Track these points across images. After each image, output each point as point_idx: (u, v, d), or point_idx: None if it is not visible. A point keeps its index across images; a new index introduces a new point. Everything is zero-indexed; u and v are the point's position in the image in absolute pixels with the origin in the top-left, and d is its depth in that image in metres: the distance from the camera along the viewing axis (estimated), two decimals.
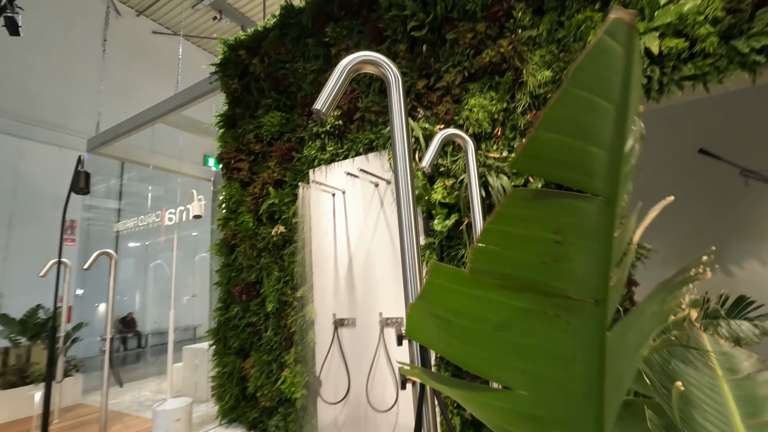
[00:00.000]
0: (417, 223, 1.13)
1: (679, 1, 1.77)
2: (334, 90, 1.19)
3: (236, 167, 3.23)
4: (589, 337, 0.30)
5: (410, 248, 1.10)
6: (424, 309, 0.34)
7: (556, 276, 0.29)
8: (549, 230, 0.28)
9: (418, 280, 1.10)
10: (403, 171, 1.15)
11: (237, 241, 3.16)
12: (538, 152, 0.28)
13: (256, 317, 2.94)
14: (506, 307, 0.30)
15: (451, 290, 0.31)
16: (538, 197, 0.28)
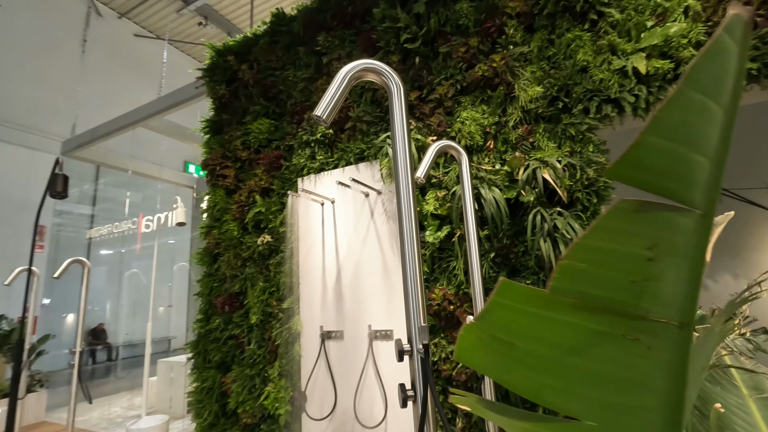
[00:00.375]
0: (418, 234, 1.11)
1: (665, 24, 1.84)
2: (335, 97, 1.17)
3: (222, 174, 3.15)
4: (671, 362, 0.28)
5: (411, 260, 1.08)
6: (482, 331, 0.31)
7: (643, 296, 0.27)
8: (643, 246, 0.26)
9: (419, 292, 1.07)
10: (405, 181, 1.13)
11: (220, 250, 3.07)
12: (640, 159, 0.26)
13: (239, 329, 2.84)
14: (580, 330, 0.28)
15: (518, 311, 0.29)
16: (640, 210, 0.26)
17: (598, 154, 1.95)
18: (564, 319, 0.28)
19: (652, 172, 0.26)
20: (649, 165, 0.26)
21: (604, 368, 0.29)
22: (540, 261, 1.97)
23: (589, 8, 2.08)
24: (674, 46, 1.84)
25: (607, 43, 1.99)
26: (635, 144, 0.26)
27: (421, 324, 1.05)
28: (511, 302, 0.29)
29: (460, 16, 2.39)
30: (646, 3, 1.93)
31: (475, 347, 0.33)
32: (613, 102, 1.96)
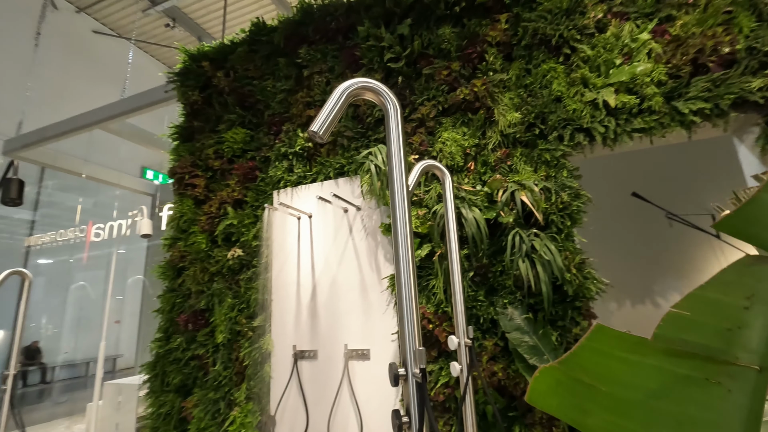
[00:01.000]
0: (414, 254, 1.10)
1: (632, 62, 2.00)
2: (333, 113, 1.15)
3: (191, 183, 3.00)
4: (749, 405, 0.29)
5: (407, 281, 1.07)
6: (563, 373, 0.31)
7: (734, 343, 0.27)
8: (743, 296, 0.26)
9: (415, 314, 1.05)
10: (401, 200, 1.12)
11: (185, 264, 2.89)
12: (755, 215, 0.27)
13: (203, 349, 2.67)
14: (666, 374, 0.28)
15: (606, 354, 0.29)
16: (754, 264, 0.27)
17: (571, 179, 2.05)
18: (653, 363, 0.28)
19: (765, 227, 0.27)
20: (764, 221, 0.27)
21: (684, 410, 0.29)
22: (517, 281, 2.03)
23: (564, 43, 2.21)
24: (639, 84, 2.00)
25: (580, 76, 2.12)
26: (751, 200, 0.27)
27: (416, 347, 1.03)
28: (602, 346, 0.29)
29: (443, 40, 2.46)
30: (615, 43, 2.08)
31: (551, 390, 0.32)
32: (585, 131, 2.09)
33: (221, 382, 2.56)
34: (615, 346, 0.29)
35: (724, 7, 1.95)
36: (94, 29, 8.89)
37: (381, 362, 2.24)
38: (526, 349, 1.75)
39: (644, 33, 2.02)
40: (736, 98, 1.85)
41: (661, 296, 3.97)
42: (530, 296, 2.00)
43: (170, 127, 3.24)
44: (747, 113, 1.89)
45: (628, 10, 2.13)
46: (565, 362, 0.31)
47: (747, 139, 2.03)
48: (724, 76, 1.88)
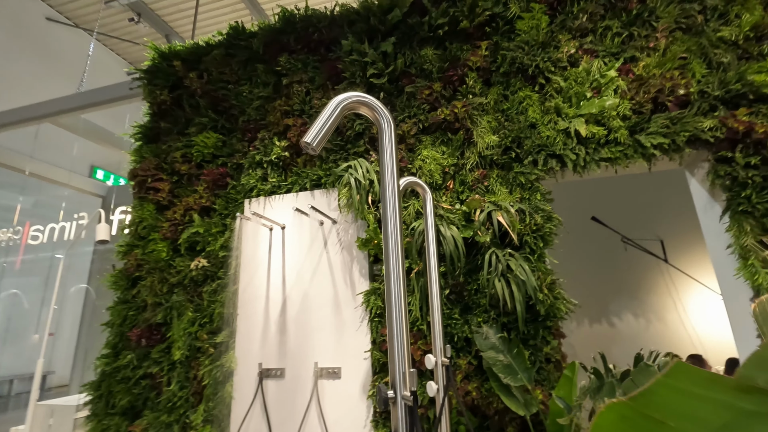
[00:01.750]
0: (405, 273, 1.08)
1: (602, 96, 2.14)
2: (327, 124, 1.12)
3: (154, 187, 2.82)
4: None
5: (398, 300, 1.04)
6: (632, 409, 0.30)
7: None
8: None
9: (404, 335, 1.03)
10: (392, 217, 1.10)
11: (142, 273, 2.69)
12: None
13: (157, 367, 2.46)
14: (732, 410, 0.28)
15: (681, 391, 0.28)
16: None
17: (544, 202, 2.14)
18: (724, 399, 0.28)
19: None
20: None
21: None
22: (492, 299, 2.06)
23: (539, 73, 2.33)
24: (606, 117, 2.14)
25: (554, 105, 2.24)
26: None
27: (407, 369, 1.00)
28: (679, 383, 0.28)
29: (425, 61, 2.52)
30: (585, 77, 2.23)
31: (616, 425, 0.31)
32: (557, 157, 2.19)
33: (176, 403, 2.37)
34: (692, 383, 0.29)
35: (680, 53, 2.15)
36: (47, 16, 8.28)
37: (352, 381, 2.17)
38: (501, 368, 1.76)
39: (612, 70, 2.18)
40: (690, 136, 2.02)
41: (616, 316, 4.20)
42: (504, 315, 2.04)
43: (133, 127, 3.04)
44: (699, 150, 2.07)
45: (597, 49, 2.30)
46: (638, 398, 0.31)
47: (698, 173, 2.21)
48: (680, 115, 2.06)
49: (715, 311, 3.87)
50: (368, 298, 2.23)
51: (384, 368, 2.12)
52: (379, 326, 2.19)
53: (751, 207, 1.90)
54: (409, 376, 0.98)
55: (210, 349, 2.41)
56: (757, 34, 2.08)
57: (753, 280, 1.85)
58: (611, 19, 2.32)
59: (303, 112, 2.73)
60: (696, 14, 2.20)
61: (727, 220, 2.01)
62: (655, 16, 2.25)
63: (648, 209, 4.30)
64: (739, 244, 1.90)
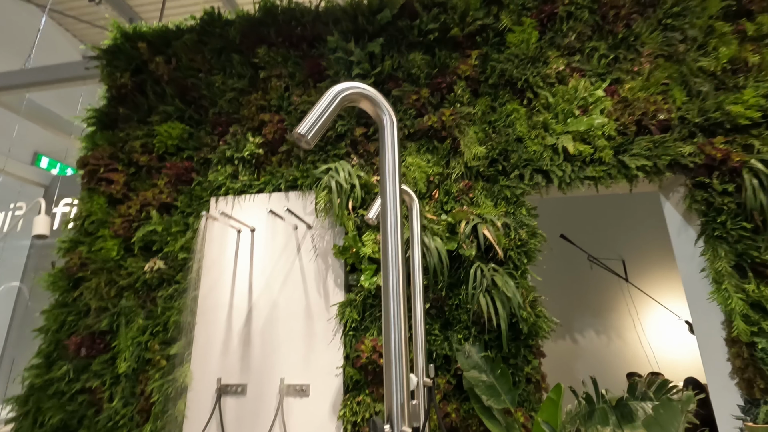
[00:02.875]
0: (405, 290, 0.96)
1: (590, 115, 2.14)
2: (324, 116, 0.98)
3: (106, 178, 2.53)
4: None
5: (396, 320, 0.91)
6: None
7: None
8: None
9: (404, 361, 0.90)
10: (392, 228, 0.98)
11: (87, 274, 2.38)
12: None
13: (98, 380, 2.17)
14: None
15: None
16: None
17: (530, 217, 2.10)
18: None
19: None
20: None
21: None
22: (473, 315, 1.98)
23: (527, 87, 2.32)
24: (593, 135, 2.15)
25: (542, 120, 2.22)
26: None
27: (406, 400, 0.87)
28: None
29: (413, 65, 2.44)
30: (574, 95, 2.23)
31: None
32: (543, 173, 2.17)
33: (118, 422, 2.09)
34: None
35: (663, 79, 2.20)
36: None
37: (322, 400, 2.01)
38: (484, 389, 1.68)
39: (599, 90, 2.19)
40: (671, 160, 2.06)
41: (579, 333, 4.28)
42: (485, 333, 1.96)
43: (87, 110, 2.74)
44: (677, 174, 2.12)
45: (584, 68, 2.31)
46: None
47: (672, 197, 2.26)
48: (662, 139, 2.09)
49: (670, 331, 4.03)
50: (343, 310, 2.08)
51: (357, 386, 1.98)
52: (354, 341, 2.05)
53: (726, 233, 1.95)
54: (409, 410, 0.85)
55: (162, 361, 2.16)
56: (733, 67, 2.17)
57: (726, 304, 1.88)
58: (598, 41, 2.36)
59: (281, 108, 2.56)
60: (678, 43, 2.27)
61: (701, 244, 2.06)
62: (640, 41, 2.30)
63: (611, 229, 4.45)
64: (714, 268, 1.94)
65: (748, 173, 1.92)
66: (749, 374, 1.79)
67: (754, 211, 1.90)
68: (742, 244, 1.92)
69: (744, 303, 1.85)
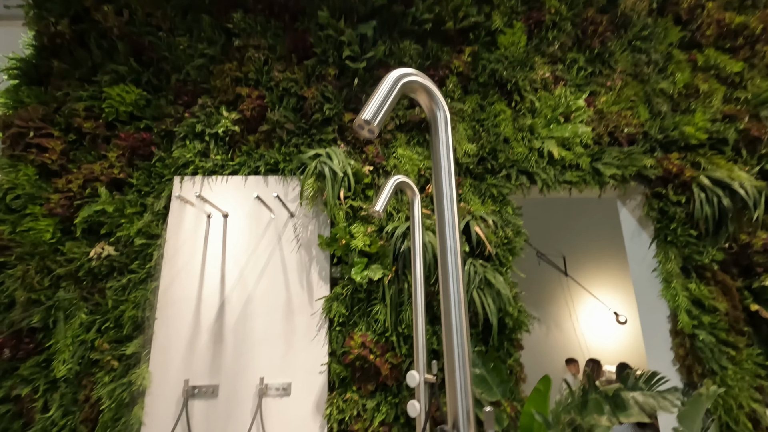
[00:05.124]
0: (464, 286, 0.92)
1: (574, 122, 2.27)
2: (387, 101, 0.89)
3: (38, 144, 2.10)
4: None
5: (458, 320, 0.88)
6: None
7: None
8: None
9: (466, 363, 0.87)
10: (451, 231, 0.93)
11: (10, 259, 1.97)
12: None
13: (28, 387, 1.82)
14: None
15: None
16: None
17: (516, 216, 2.18)
18: None
19: None
20: None
21: None
22: None
23: (515, 90, 2.38)
24: (573, 143, 2.28)
25: (529, 123, 2.31)
26: None
27: (470, 407, 0.84)
28: None
29: (405, 54, 2.38)
30: (557, 102, 2.34)
31: None
32: (527, 174, 2.26)
33: None
34: None
35: (631, 96, 2.41)
36: None
37: (304, 398, 1.90)
38: (477, 383, 1.72)
39: (580, 100, 2.33)
40: (636, 171, 2.27)
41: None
42: (472, 327, 2.01)
43: (9, 59, 2.24)
44: (639, 184, 2.34)
45: (565, 77, 2.44)
46: None
47: (629, 204, 2.51)
48: (629, 151, 2.30)
49: (600, 321, 4.54)
50: (330, 304, 1.99)
51: (343, 383, 1.91)
52: (340, 336, 1.97)
53: (676, 238, 2.21)
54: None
55: (112, 362, 1.87)
56: (686, 92, 2.45)
57: (673, 301, 2.14)
58: (577, 53, 2.50)
59: (259, 83, 2.34)
60: (644, 65, 2.50)
61: (653, 247, 2.31)
62: (614, 58, 2.49)
63: (554, 229, 4.85)
64: (665, 269, 2.19)
65: (697, 187, 2.20)
66: (689, 361, 2.07)
67: (699, 220, 2.18)
68: (688, 248, 2.19)
69: (688, 300, 2.12)
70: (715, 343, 2.02)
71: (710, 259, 2.14)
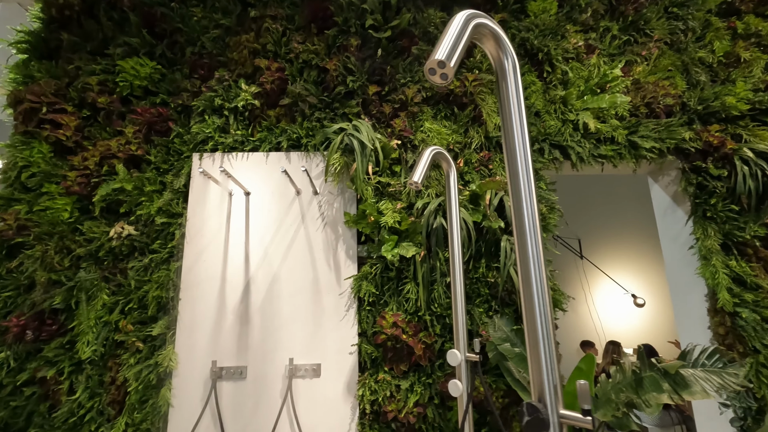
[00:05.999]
0: (545, 259, 0.84)
1: (613, 92, 2.16)
2: (460, 42, 0.79)
3: (52, 120, 2.01)
4: None
5: (540, 293, 0.80)
6: None
7: None
8: None
9: (551, 333, 0.80)
10: (528, 198, 0.83)
11: (28, 239, 1.90)
12: None
13: (52, 369, 1.77)
14: None
15: None
16: None
17: (549, 192, 2.09)
18: None
19: None
20: None
21: None
22: (492, 288, 1.94)
23: (546, 60, 2.27)
24: (608, 115, 2.18)
25: (561, 95, 2.20)
26: None
27: (557, 381, 0.77)
28: None
29: (430, 23, 2.26)
30: (594, 72, 2.23)
31: None
32: (561, 148, 2.16)
33: (83, 416, 1.73)
34: None
35: (668, 66, 2.29)
36: None
37: (335, 379, 1.85)
38: (518, 362, 1.66)
39: (616, 69, 2.22)
40: (675, 143, 2.17)
41: None
42: (505, 306, 1.94)
43: (17, 31, 2.13)
44: (675, 158, 2.25)
45: (598, 47, 2.32)
46: None
47: (662, 180, 2.42)
48: (667, 123, 2.19)
49: (616, 303, 4.49)
50: (359, 283, 1.92)
51: (375, 364, 1.85)
52: (370, 316, 1.90)
53: (716, 214, 2.13)
54: (560, 390, 0.75)
55: (137, 343, 1.82)
56: (726, 61, 2.33)
57: (712, 279, 2.07)
58: (610, 21, 2.38)
59: (278, 55, 2.23)
60: (680, 32, 2.37)
61: (689, 224, 2.23)
62: (649, 26, 2.36)
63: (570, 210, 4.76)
64: (704, 246, 2.11)
65: (739, 160, 2.10)
66: (730, 340, 2.01)
67: (741, 195, 2.09)
68: (729, 224, 2.11)
69: (728, 277, 2.04)
70: (759, 320, 1.95)
71: (752, 235, 2.06)
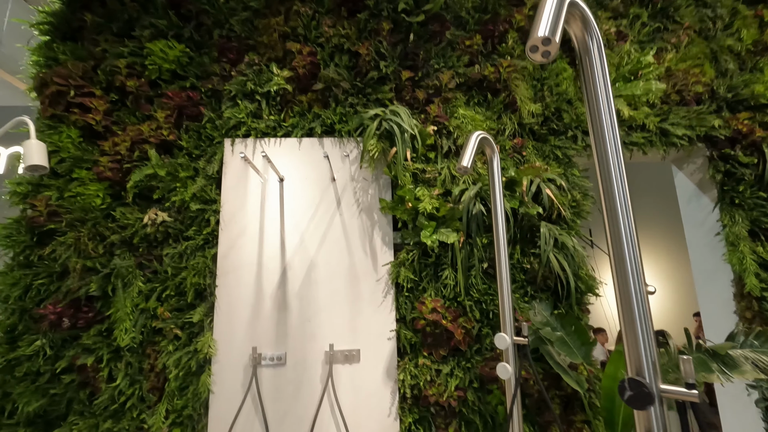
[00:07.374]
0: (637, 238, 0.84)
1: (647, 79, 2.16)
2: (560, 17, 0.78)
3: (80, 104, 1.96)
4: None
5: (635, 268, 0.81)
6: None
7: None
8: None
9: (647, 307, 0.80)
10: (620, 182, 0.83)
11: (60, 226, 1.86)
12: None
13: (90, 356, 1.75)
14: None
15: None
16: None
17: (583, 179, 2.10)
18: None
19: None
20: None
21: None
22: (528, 274, 1.96)
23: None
24: (640, 102, 2.19)
25: None
26: None
27: (656, 357, 0.78)
28: None
29: (462, 7, 2.23)
30: (627, 58, 2.23)
31: None
32: None
33: (124, 403, 1.72)
34: None
35: (697, 54, 2.30)
36: None
37: (374, 365, 1.86)
38: (559, 346, 1.68)
39: (649, 56, 2.22)
40: (705, 131, 2.19)
41: None
42: (541, 291, 1.96)
43: (40, 11, 2.06)
44: (703, 146, 2.27)
45: (628, 33, 2.32)
46: None
47: (687, 167, 2.44)
48: (698, 111, 2.21)
49: None
50: (397, 269, 1.92)
51: (414, 349, 1.86)
52: (408, 302, 1.91)
53: (744, 201, 2.16)
54: (658, 366, 0.76)
55: (175, 330, 1.81)
56: (754, 49, 2.34)
57: (740, 264, 2.11)
58: (640, 8, 2.37)
59: (308, 39, 2.19)
60: (708, 20, 2.38)
61: (716, 211, 2.26)
62: (678, 14, 2.36)
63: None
64: (732, 232, 2.14)
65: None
66: (757, 324, 2.05)
67: None
68: (756, 211, 2.14)
69: (756, 263, 2.08)
70: None
71: None
